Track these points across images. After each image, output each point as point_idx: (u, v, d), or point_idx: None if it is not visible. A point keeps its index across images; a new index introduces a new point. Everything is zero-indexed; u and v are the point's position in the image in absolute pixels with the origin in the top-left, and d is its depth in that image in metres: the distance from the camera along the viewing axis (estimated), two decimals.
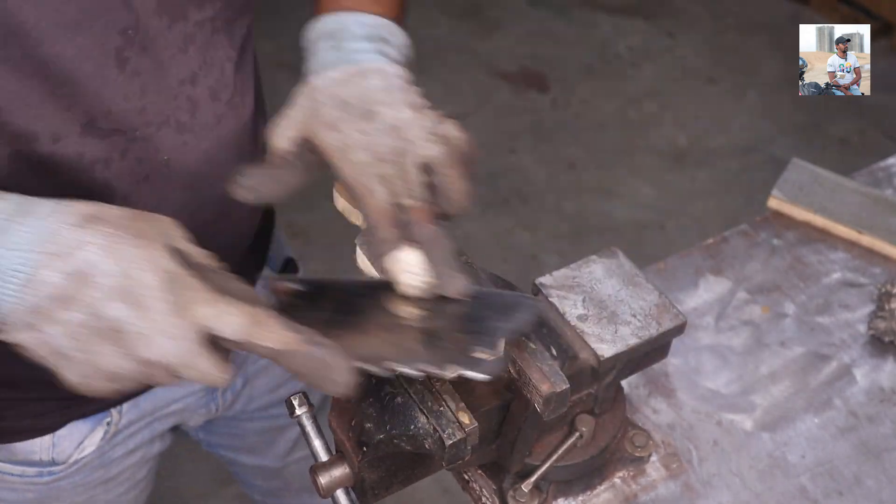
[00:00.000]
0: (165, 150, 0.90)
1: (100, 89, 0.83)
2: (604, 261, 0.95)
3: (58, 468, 1.08)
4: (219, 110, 0.94)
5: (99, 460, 1.11)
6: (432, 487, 2.20)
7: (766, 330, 1.17)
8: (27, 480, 1.08)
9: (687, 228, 2.98)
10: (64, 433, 1.06)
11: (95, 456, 1.10)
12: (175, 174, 0.92)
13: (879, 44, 3.59)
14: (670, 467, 1.02)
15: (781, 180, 1.32)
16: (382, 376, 0.77)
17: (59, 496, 1.11)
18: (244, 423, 1.31)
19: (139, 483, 1.21)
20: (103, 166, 0.87)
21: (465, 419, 0.77)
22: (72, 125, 0.84)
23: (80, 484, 1.11)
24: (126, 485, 1.18)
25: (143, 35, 0.85)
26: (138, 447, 1.16)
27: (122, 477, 1.16)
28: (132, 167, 0.89)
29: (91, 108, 0.84)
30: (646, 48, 3.69)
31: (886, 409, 1.09)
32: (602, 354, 0.87)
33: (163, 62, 0.87)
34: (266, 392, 1.28)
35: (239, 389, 1.24)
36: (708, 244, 1.27)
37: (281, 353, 0.71)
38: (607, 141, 3.30)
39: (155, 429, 1.17)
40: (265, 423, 1.32)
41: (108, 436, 1.10)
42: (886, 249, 1.25)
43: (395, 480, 0.87)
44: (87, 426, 1.08)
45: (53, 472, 1.08)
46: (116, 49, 0.83)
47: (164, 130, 0.90)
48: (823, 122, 3.34)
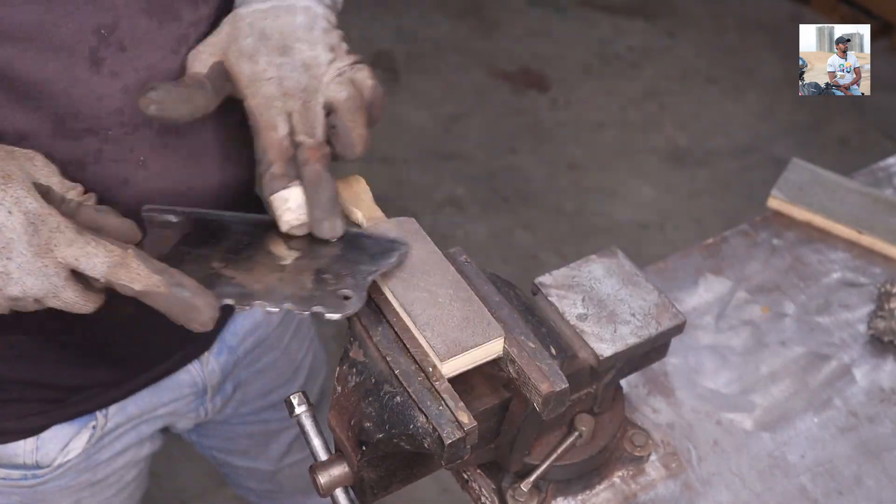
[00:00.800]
0: (142, 150, 0.90)
1: (68, 89, 0.83)
2: (603, 260, 0.95)
3: (42, 471, 1.07)
4: None
5: (85, 463, 1.10)
6: (432, 487, 2.19)
7: (766, 330, 1.17)
8: (11, 483, 1.07)
9: (687, 228, 2.98)
10: (48, 436, 1.05)
11: (81, 459, 1.09)
12: (155, 176, 0.91)
13: (879, 44, 3.59)
14: (670, 467, 1.02)
15: (781, 180, 1.32)
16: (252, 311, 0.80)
17: (44, 499, 1.10)
18: (236, 426, 1.31)
19: (128, 485, 1.20)
20: (77, 168, 0.86)
21: (464, 418, 0.77)
22: (40, 125, 0.83)
23: (66, 487, 1.10)
24: (115, 487, 1.17)
25: (123, 35, 0.84)
26: (126, 449, 1.15)
27: (110, 480, 1.15)
28: (109, 170, 0.88)
29: (59, 108, 0.83)
30: (646, 48, 3.69)
31: (886, 409, 1.09)
32: (601, 354, 0.87)
33: (152, 63, 0.87)
34: (258, 397, 1.27)
35: (230, 394, 1.23)
36: (708, 244, 1.27)
37: (145, 294, 0.75)
38: (607, 141, 3.31)
39: (143, 431, 1.16)
40: (257, 427, 1.32)
41: (94, 439, 1.09)
42: (886, 249, 1.25)
43: (394, 480, 0.86)
44: (72, 429, 1.07)
45: (38, 476, 1.07)
46: (91, 48, 0.82)
47: (141, 131, 0.89)
48: (823, 122, 3.34)
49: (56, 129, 0.84)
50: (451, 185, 3.12)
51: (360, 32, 3.54)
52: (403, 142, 3.23)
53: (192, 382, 1.16)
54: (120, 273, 0.74)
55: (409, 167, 3.14)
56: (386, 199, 0.87)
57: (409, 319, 0.81)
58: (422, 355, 0.80)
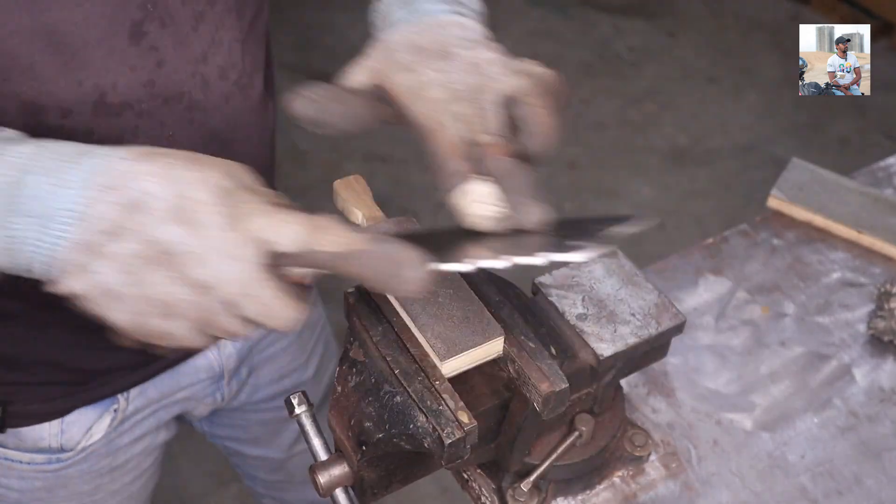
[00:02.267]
0: (170, 125, 0.89)
1: (106, 59, 0.82)
2: (603, 260, 0.95)
3: (66, 455, 1.08)
4: (226, 90, 0.93)
5: (106, 448, 1.12)
6: (432, 486, 2.20)
7: (766, 330, 1.17)
8: (36, 468, 1.08)
9: (687, 228, 2.98)
10: (72, 419, 1.07)
11: (103, 443, 1.11)
12: None
13: (879, 44, 3.59)
14: (670, 467, 1.02)
15: (781, 180, 1.32)
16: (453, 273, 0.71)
17: (66, 484, 1.11)
18: (249, 413, 1.31)
19: (145, 472, 1.22)
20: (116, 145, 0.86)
21: (464, 418, 0.77)
22: (83, 101, 0.82)
23: (87, 472, 1.12)
24: (132, 474, 1.19)
25: (162, 10, 0.84)
26: (144, 435, 1.16)
27: (128, 465, 1.17)
28: None
29: (100, 79, 0.82)
30: (646, 48, 3.69)
31: (886, 409, 1.09)
32: (601, 353, 0.87)
33: (181, 39, 0.87)
34: (271, 382, 1.28)
35: (244, 378, 1.24)
36: (708, 244, 1.27)
37: (347, 255, 0.65)
38: (607, 141, 3.30)
39: (161, 417, 1.17)
40: (270, 415, 1.32)
41: (116, 422, 1.10)
42: (886, 249, 1.25)
43: (394, 479, 0.86)
44: (95, 412, 1.08)
45: (62, 460, 1.08)
46: (133, 22, 0.82)
47: (171, 105, 0.89)
48: (823, 122, 3.34)
49: (98, 105, 0.83)
50: None
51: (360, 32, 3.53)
52: (403, 142, 3.23)
53: (210, 366, 1.17)
54: (316, 238, 0.65)
55: (409, 167, 3.14)
56: (386, 199, 0.86)
57: (409, 319, 0.81)
58: (422, 355, 0.80)
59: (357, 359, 0.83)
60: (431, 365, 0.79)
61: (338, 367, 0.84)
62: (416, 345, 0.81)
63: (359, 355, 0.83)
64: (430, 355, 0.80)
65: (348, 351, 0.84)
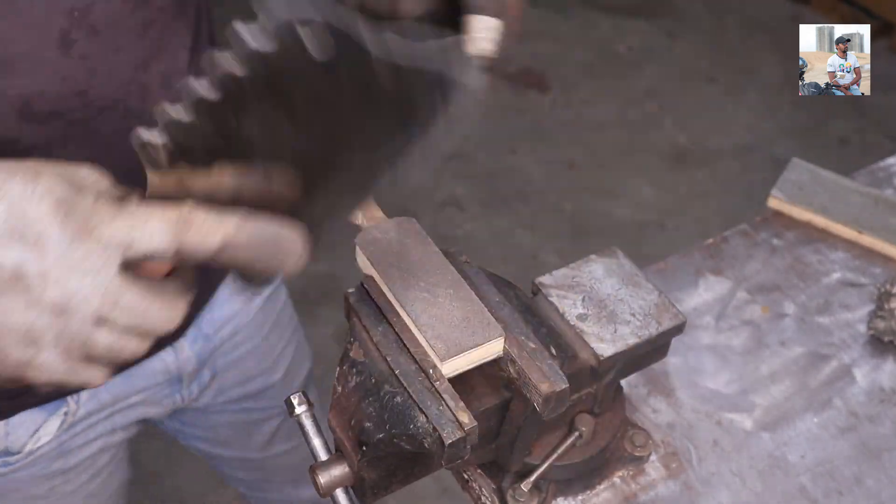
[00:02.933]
0: (106, 134, 0.88)
1: (34, 68, 0.81)
2: (604, 260, 0.95)
3: (13, 458, 1.06)
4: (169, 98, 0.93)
5: (57, 450, 1.09)
6: (432, 487, 2.20)
7: (766, 330, 1.17)
8: None
9: (687, 228, 2.98)
10: (17, 421, 1.04)
11: (53, 446, 1.08)
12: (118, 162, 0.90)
13: (879, 44, 3.59)
14: (670, 467, 1.02)
15: (781, 180, 1.32)
16: None
17: (18, 488, 1.09)
18: (215, 415, 1.30)
19: (102, 470, 1.19)
20: (43, 153, 0.82)
21: (464, 418, 0.77)
22: (6, 109, 0.81)
23: (38, 475, 1.09)
24: (88, 472, 1.16)
25: (96, 18, 0.83)
26: (98, 437, 1.14)
27: (82, 466, 1.14)
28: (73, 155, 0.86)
29: (24, 88, 0.81)
30: (646, 48, 3.69)
31: (886, 409, 1.09)
32: (601, 354, 0.87)
33: (120, 46, 0.86)
34: (235, 385, 1.26)
35: (206, 382, 1.22)
36: (708, 244, 1.27)
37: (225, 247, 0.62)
38: (607, 141, 3.31)
39: (116, 421, 1.14)
40: (237, 417, 1.31)
41: (66, 426, 1.08)
42: (886, 249, 1.25)
43: (394, 480, 0.86)
44: (42, 415, 1.05)
45: (9, 463, 1.06)
46: (61, 30, 0.81)
47: (106, 114, 0.87)
48: (823, 122, 3.34)
49: (23, 112, 0.82)
50: (451, 185, 3.12)
51: None
52: None
53: (166, 370, 1.15)
54: (189, 233, 0.61)
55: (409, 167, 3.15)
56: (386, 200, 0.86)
57: (409, 319, 0.81)
58: (422, 355, 0.80)
59: (357, 359, 0.83)
60: (432, 365, 0.79)
61: (338, 368, 0.84)
62: (416, 345, 0.81)
63: (359, 355, 0.83)
64: (431, 355, 0.80)
65: (348, 351, 0.84)
